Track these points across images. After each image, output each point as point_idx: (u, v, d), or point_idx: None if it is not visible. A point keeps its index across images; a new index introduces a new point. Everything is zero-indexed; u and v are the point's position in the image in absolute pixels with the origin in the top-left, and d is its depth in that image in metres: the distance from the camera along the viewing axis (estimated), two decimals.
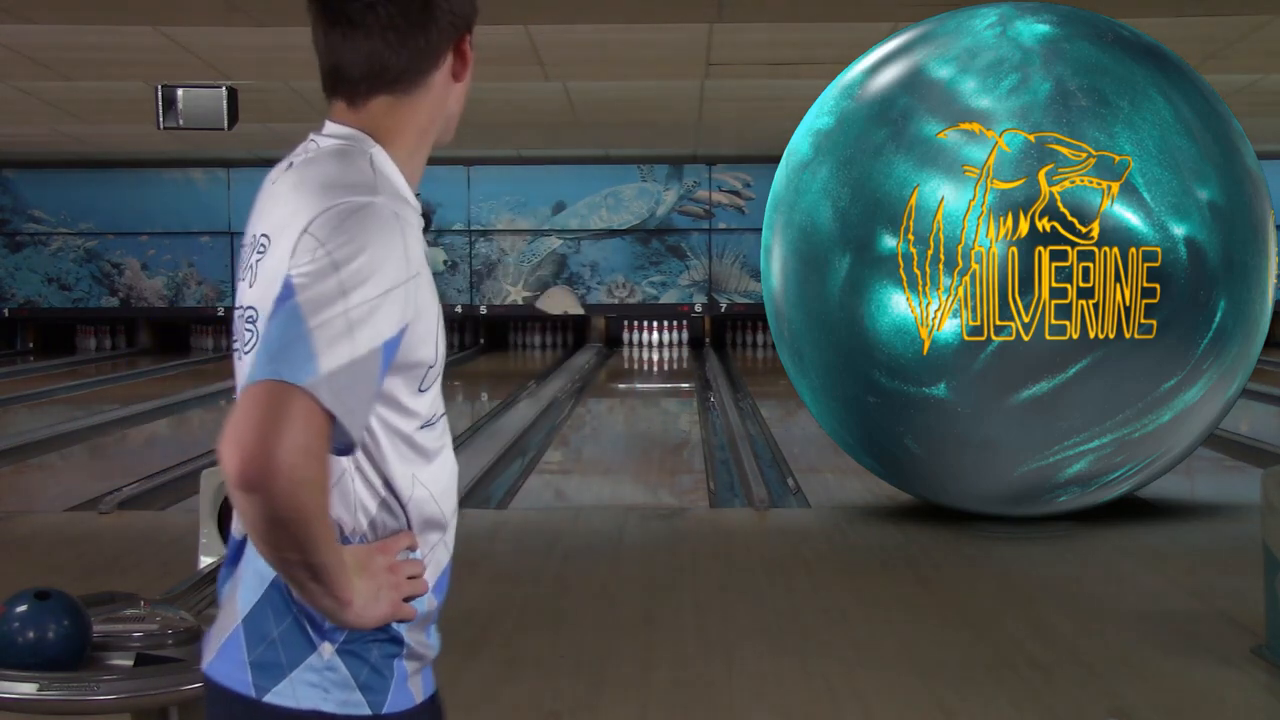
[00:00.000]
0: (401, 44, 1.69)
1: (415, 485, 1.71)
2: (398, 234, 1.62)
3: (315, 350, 1.53)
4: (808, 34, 9.77)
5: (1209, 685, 4.32)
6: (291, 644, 1.67)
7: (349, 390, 1.55)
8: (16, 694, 2.46)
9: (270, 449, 1.49)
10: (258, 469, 1.49)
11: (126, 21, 9.15)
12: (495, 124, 14.57)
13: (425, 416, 1.71)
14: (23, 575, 5.57)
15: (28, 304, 19.05)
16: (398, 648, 1.72)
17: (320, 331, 1.54)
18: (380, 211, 1.62)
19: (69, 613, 2.62)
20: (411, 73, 1.71)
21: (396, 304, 1.60)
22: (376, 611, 1.65)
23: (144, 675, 2.56)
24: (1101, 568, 5.87)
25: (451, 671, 4.42)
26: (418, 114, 1.74)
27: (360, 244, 1.59)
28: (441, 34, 1.72)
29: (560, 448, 10.17)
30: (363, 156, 1.69)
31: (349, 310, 1.56)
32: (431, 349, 1.68)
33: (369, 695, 1.69)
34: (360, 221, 1.60)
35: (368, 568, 1.65)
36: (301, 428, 1.51)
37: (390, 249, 1.60)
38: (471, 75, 1.80)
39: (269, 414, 1.50)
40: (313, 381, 1.52)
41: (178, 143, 15.08)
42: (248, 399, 1.52)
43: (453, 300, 18.97)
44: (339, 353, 1.54)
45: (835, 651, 4.65)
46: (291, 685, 1.66)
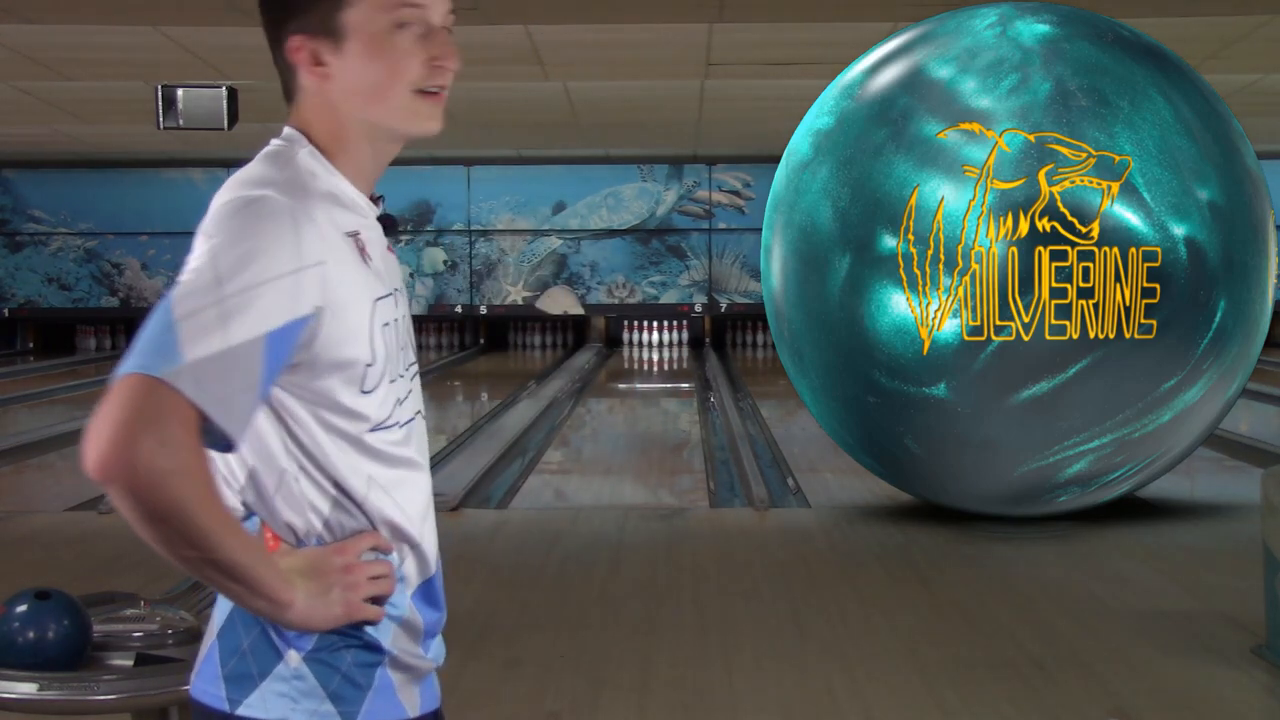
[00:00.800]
0: (272, 51, 1.70)
1: (371, 486, 1.66)
2: (287, 225, 1.58)
3: (180, 341, 1.50)
4: (808, 34, 9.76)
5: (1209, 685, 4.32)
6: (261, 654, 1.64)
7: (218, 381, 1.51)
8: (16, 694, 2.46)
9: (125, 441, 1.47)
10: (112, 462, 1.48)
11: (126, 21, 9.15)
12: (495, 124, 14.57)
13: (376, 419, 1.66)
14: (23, 575, 5.57)
15: (28, 304, 19.05)
16: (376, 656, 1.68)
17: (187, 322, 1.51)
18: (269, 203, 1.59)
19: (69, 613, 2.62)
20: (284, 79, 1.71)
21: (281, 295, 1.55)
22: (328, 612, 1.61)
23: (144, 675, 2.56)
24: (1101, 568, 5.87)
25: (451, 671, 4.42)
26: (311, 116, 1.70)
27: (240, 234, 1.56)
28: (277, 44, 1.69)
29: (560, 448, 10.17)
30: (285, 153, 1.67)
31: (223, 300, 1.52)
32: (363, 348, 1.63)
33: (340, 705, 1.65)
34: (245, 214, 1.58)
35: (318, 567, 1.62)
36: (158, 419, 1.48)
37: (275, 239, 1.56)
38: (375, 63, 1.67)
39: (126, 407, 1.48)
40: (173, 372, 1.49)
41: (178, 143, 15.08)
42: (109, 393, 1.50)
43: (453, 300, 18.97)
44: (207, 343, 1.51)
45: (835, 651, 4.65)
46: (262, 696, 1.63)
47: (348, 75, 1.67)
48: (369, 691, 1.67)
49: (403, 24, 1.68)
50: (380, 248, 1.72)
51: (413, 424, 1.74)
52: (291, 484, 1.64)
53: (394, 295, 1.72)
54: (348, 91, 1.68)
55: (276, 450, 1.64)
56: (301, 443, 1.63)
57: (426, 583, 1.74)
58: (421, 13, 1.69)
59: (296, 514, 1.65)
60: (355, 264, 1.65)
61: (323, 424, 1.64)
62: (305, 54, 1.67)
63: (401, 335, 1.73)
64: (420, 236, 18.92)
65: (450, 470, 8.48)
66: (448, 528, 6.72)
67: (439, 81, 1.72)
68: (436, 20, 1.71)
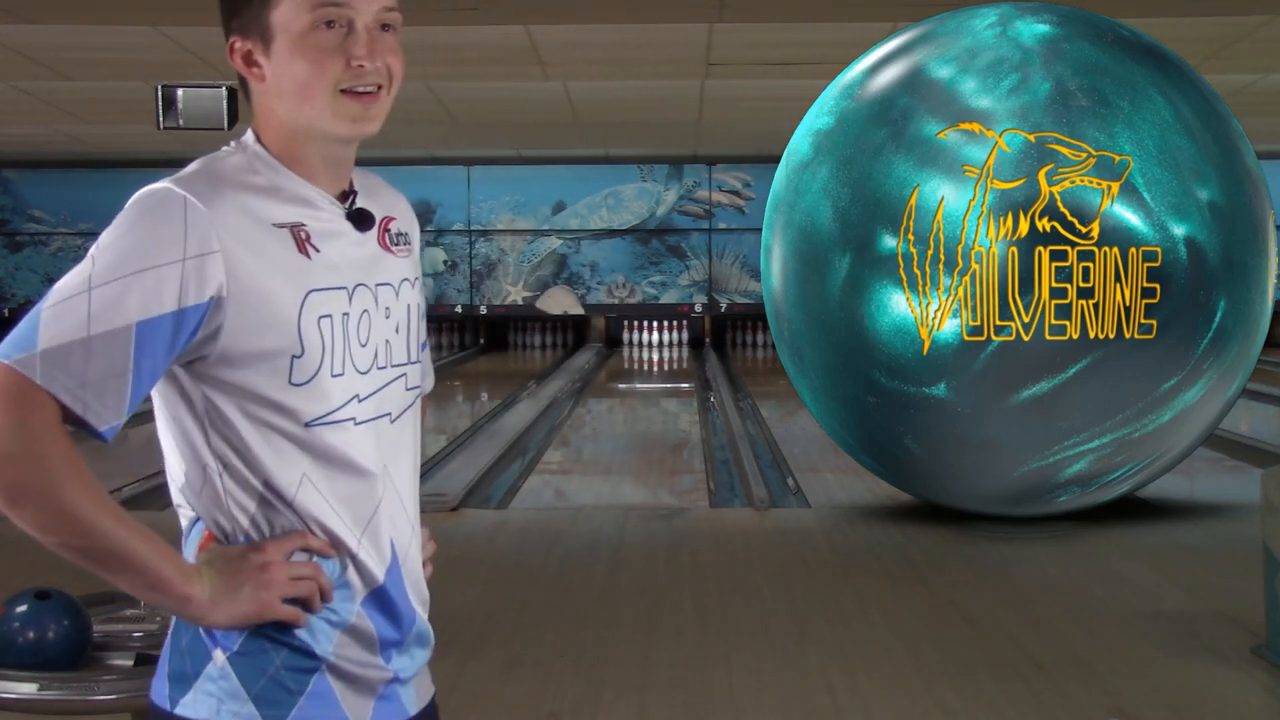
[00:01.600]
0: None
1: (303, 484, 1.62)
2: (175, 215, 1.56)
3: (38, 329, 1.52)
4: (808, 34, 9.76)
5: (1209, 685, 4.32)
6: (195, 653, 1.63)
7: (75, 369, 1.51)
8: (16, 694, 2.46)
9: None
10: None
11: (126, 21, 9.15)
12: (495, 124, 14.57)
13: (313, 414, 1.61)
14: (23, 575, 5.56)
15: (28, 304, 19.05)
16: (310, 661, 1.64)
17: (52, 310, 1.52)
18: (165, 195, 1.58)
19: (69, 613, 2.62)
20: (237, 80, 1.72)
21: (158, 284, 1.54)
22: (234, 609, 1.58)
23: (144, 675, 2.56)
24: (1101, 568, 5.87)
25: (451, 671, 4.42)
26: (264, 117, 1.69)
27: (124, 228, 1.57)
28: (227, 44, 1.70)
29: (560, 448, 10.17)
30: (221, 155, 1.68)
31: (91, 290, 1.53)
32: (285, 339, 1.59)
33: (264, 709, 1.61)
34: (135, 207, 1.58)
35: (231, 563, 1.59)
36: (6, 404, 1.50)
37: (158, 230, 1.56)
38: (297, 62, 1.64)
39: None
40: (22, 359, 1.50)
41: (178, 143, 15.07)
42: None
43: (453, 300, 18.97)
44: (63, 330, 1.51)
45: (835, 651, 4.65)
46: (195, 696, 1.62)
47: (277, 76, 1.65)
48: (300, 696, 1.63)
49: (329, 22, 1.63)
50: (346, 242, 1.68)
51: (376, 424, 1.68)
52: (216, 480, 1.62)
53: (353, 290, 1.66)
54: (279, 92, 1.66)
55: (199, 446, 1.62)
56: (226, 438, 1.61)
57: (377, 591, 1.67)
58: (345, 11, 1.63)
59: (221, 512, 1.62)
60: (283, 254, 1.61)
61: (250, 418, 1.60)
62: (239, 55, 1.68)
63: (374, 331, 1.68)
64: (420, 236, 18.91)
65: (450, 470, 8.49)
66: (448, 528, 6.72)
67: (362, 82, 1.65)
68: (362, 20, 1.64)
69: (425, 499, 1.71)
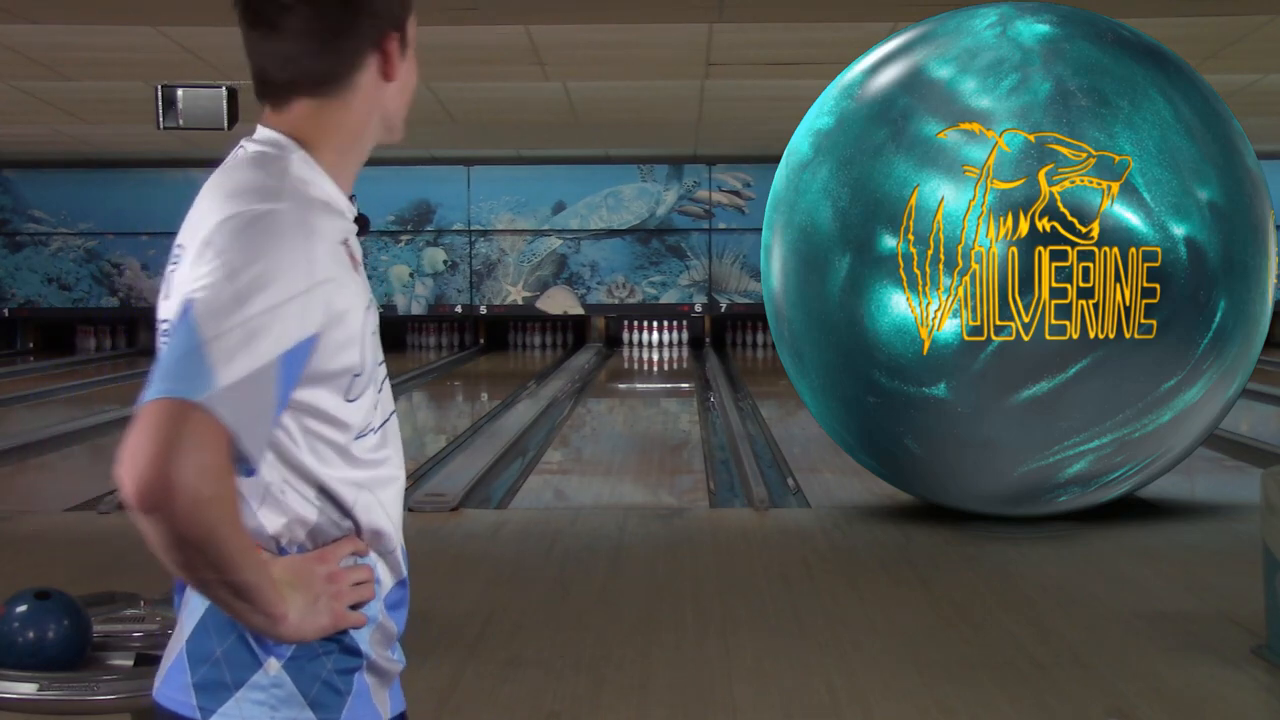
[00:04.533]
0: (321, 46, 1.64)
1: (359, 492, 1.66)
2: (300, 241, 1.56)
3: (212, 364, 1.48)
4: (808, 34, 9.77)
5: (1209, 685, 4.32)
6: (236, 662, 1.62)
7: (246, 404, 1.49)
8: (16, 694, 2.46)
9: (167, 469, 1.44)
10: (156, 490, 1.45)
11: (126, 21, 9.15)
12: (495, 124, 14.57)
13: (359, 427, 1.66)
14: (23, 575, 5.57)
15: (28, 304, 19.05)
16: (355, 660, 1.67)
17: (216, 344, 1.49)
18: (281, 219, 1.57)
19: (69, 613, 2.62)
20: (333, 76, 1.66)
21: (297, 314, 1.54)
22: (317, 622, 1.60)
23: (144, 675, 2.56)
24: (1101, 568, 5.87)
25: (451, 671, 4.43)
26: (344, 117, 1.68)
27: (257, 252, 1.53)
28: (362, 36, 1.66)
29: (560, 448, 10.17)
30: (278, 162, 1.64)
31: (247, 321, 1.50)
32: (356, 356, 1.62)
33: (320, 713, 1.63)
34: (259, 230, 1.55)
35: (303, 578, 1.60)
36: (199, 445, 1.46)
37: (290, 256, 1.55)
38: (414, 73, 1.74)
39: (165, 433, 1.45)
40: (209, 396, 1.47)
41: (178, 143, 15.08)
42: (142, 418, 1.47)
43: (453, 300, 18.98)
44: (237, 366, 1.49)
45: (835, 651, 4.65)
46: (238, 705, 1.61)
47: (404, 79, 1.72)
48: (349, 697, 1.66)
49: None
50: (360, 252, 1.71)
51: (387, 426, 1.72)
52: (278, 495, 1.62)
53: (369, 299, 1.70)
54: (397, 93, 1.72)
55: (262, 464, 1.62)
56: (288, 453, 1.61)
57: (399, 584, 1.74)
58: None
59: (282, 525, 1.63)
60: (347, 273, 1.63)
61: (308, 433, 1.62)
62: (393, 50, 1.69)
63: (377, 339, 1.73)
64: (420, 236, 18.92)
65: (450, 470, 8.48)
66: (448, 528, 6.72)
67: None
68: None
69: (425, 499, 1.72)
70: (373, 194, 17.54)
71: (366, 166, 1.80)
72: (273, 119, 1.69)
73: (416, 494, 7.45)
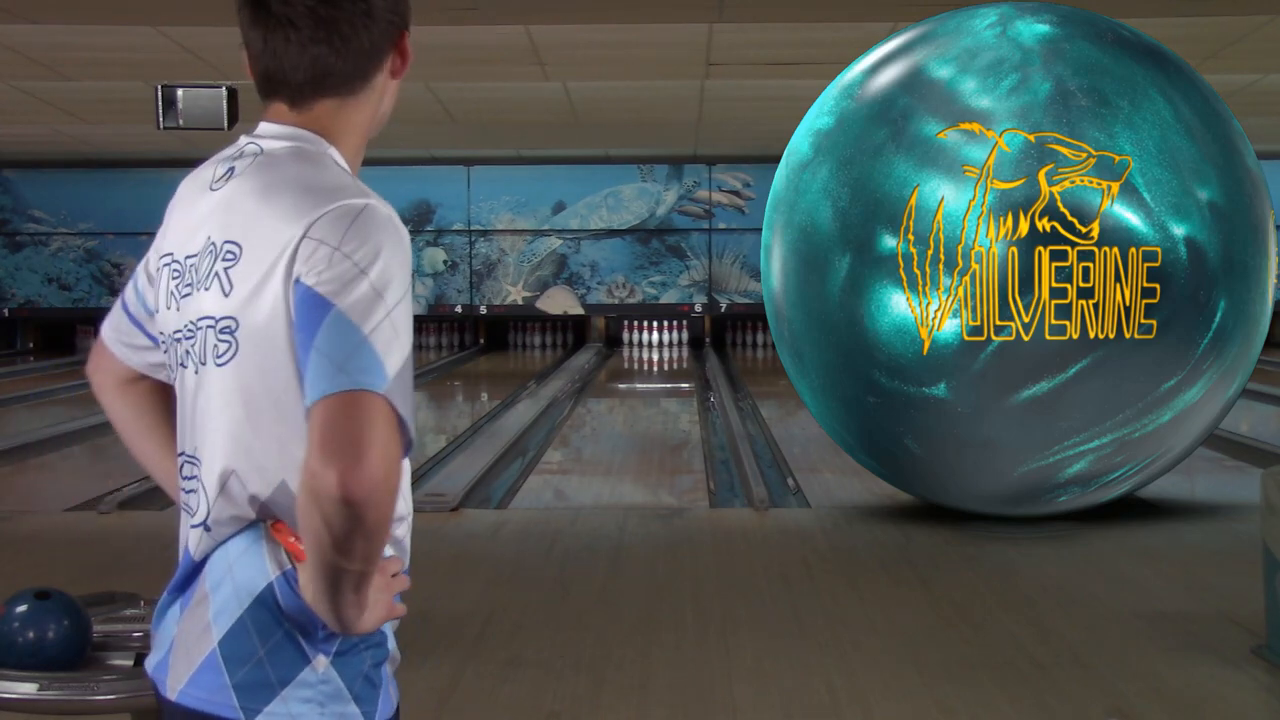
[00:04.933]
0: (345, 46, 1.66)
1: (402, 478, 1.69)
2: (396, 234, 1.61)
3: (380, 356, 1.52)
4: (808, 34, 9.77)
5: (1209, 685, 4.32)
6: (282, 661, 1.62)
7: (407, 393, 1.54)
8: (16, 694, 2.46)
9: (371, 460, 1.47)
10: (363, 482, 1.47)
11: (126, 21, 9.15)
12: (495, 124, 14.57)
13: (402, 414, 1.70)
14: (23, 575, 5.57)
15: (28, 304, 19.06)
16: (384, 652, 1.70)
17: (375, 336, 1.52)
18: (378, 212, 1.60)
19: (69, 613, 2.62)
20: (356, 75, 1.68)
21: (410, 303, 1.60)
22: (376, 614, 1.62)
23: (144, 675, 2.56)
24: (1101, 568, 5.87)
25: (451, 671, 4.43)
26: (361, 115, 1.71)
27: (376, 246, 1.57)
28: (382, 35, 1.69)
29: (560, 448, 10.17)
30: (324, 158, 1.66)
31: (390, 313, 1.55)
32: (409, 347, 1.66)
33: (363, 706, 1.65)
34: (365, 223, 1.58)
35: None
36: (389, 435, 1.50)
37: (397, 248, 1.59)
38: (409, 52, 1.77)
39: (361, 425, 1.48)
40: (388, 388, 1.51)
41: (178, 143, 15.08)
42: (333, 412, 1.49)
43: (453, 300, 18.97)
44: (395, 357, 1.53)
45: (835, 651, 4.65)
46: (285, 704, 1.61)
47: (396, 83, 1.76)
48: (381, 689, 1.68)
49: None
50: None
51: None
52: None
53: None
54: (395, 90, 1.76)
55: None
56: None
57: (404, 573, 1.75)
58: None
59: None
60: None
61: None
62: (404, 46, 1.73)
63: None
64: (420, 236, 18.92)
65: (450, 470, 8.49)
66: (448, 528, 6.73)
67: None
68: None
69: (425, 499, 1.72)
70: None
71: (367, 166, 1.81)
72: (289, 116, 1.70)
73: (417, 494, 7.45)
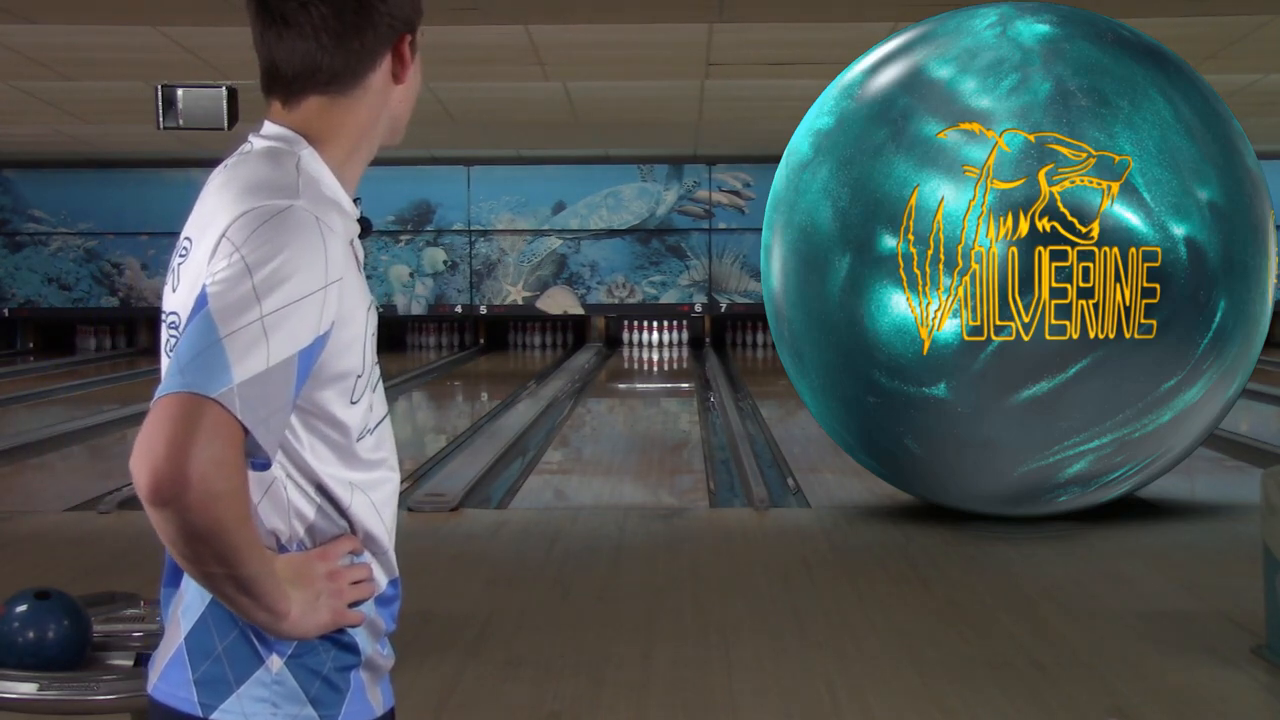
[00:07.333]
0: (335, 45, 1.65)
1: (354, 492, 1.67)
2: (317, 239, 1.57)
3: (229, 360, 1.49)
4: (808, 34, 9.77)
5: (1209, 685, 4.32)
6: (238, 659, 1.63)
7: (262, 401, 1.51)
8: (16, 694, 2.46)
9: (182, 462, 1.46)
10: (169, 483, 1.46)
11: (126, 21, 9.15)
12: (495, 124, 14.57)
13: (361, 428, 1.68)
14: (23, 575, 5.57)
15: (28, 304, 19.05)
16: (354, 657, 1.68)
17: (232, 340, 1.50)
18: (298, 216, 1.57)
19: (69, 613, 2.62)
20: (346, 74, 1.67)
21: (313, 312, 1.55)
22: (317, 619, 1.62)
23: (144, 675, 2.56)
24: (1101, 568, 5.87)
25: (451, 671, 4.43)
26: (354, 115, 1.69)
27: (275, 249, 1.54)
28: (378, 36, 1.68)
29: (560, 448, 10.17)
30: (290, 158, 1.65)
31: (263, 317, 1.51)
32: (358, 358, 1.64)
33: (321, 710, 1.65)
34: (277, 226, 1.56)
35: (304, 575, 1.62)
36: (213, 439, 1.47)
37: (307, 254, 1.56)
38: (419, 77, 1.76)
39: (179, 427, 1.47)
40: (225, 392, 1.48)
41: (178, 143, 15.08)
42: (158, 412, 1.49)
43: (453, 300, 18.98)
44: (252, 362, 1.50)
45: (835, 651, 4.65)
46: (239, 701, 1.62)
47: (412, 81, 1.74)
48: (346, 694, 1.67)
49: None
50: (362, 254, 1.73)
51: (381, 427, 1.74)
52: (280, 491, 1.64)
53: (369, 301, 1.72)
54: (404, 95, 1.74)
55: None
56: (292, 450, 1.63)
57: (391, 583, 1.75)
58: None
59: (281, 520, 1.64)
60: (354, 273, 1.65)
61: (313, 432, 1.64)
62: (405, 50, 1.71)
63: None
64: (420, 236, 18.92)
65: (450, 470, 8.49)
66: (448, 528, 6.73)
67: None
68: None
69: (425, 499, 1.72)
70: (373, 194, 17.55)
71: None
72: (282, 115, 1.70)
73: (416, 494, 7.45)
